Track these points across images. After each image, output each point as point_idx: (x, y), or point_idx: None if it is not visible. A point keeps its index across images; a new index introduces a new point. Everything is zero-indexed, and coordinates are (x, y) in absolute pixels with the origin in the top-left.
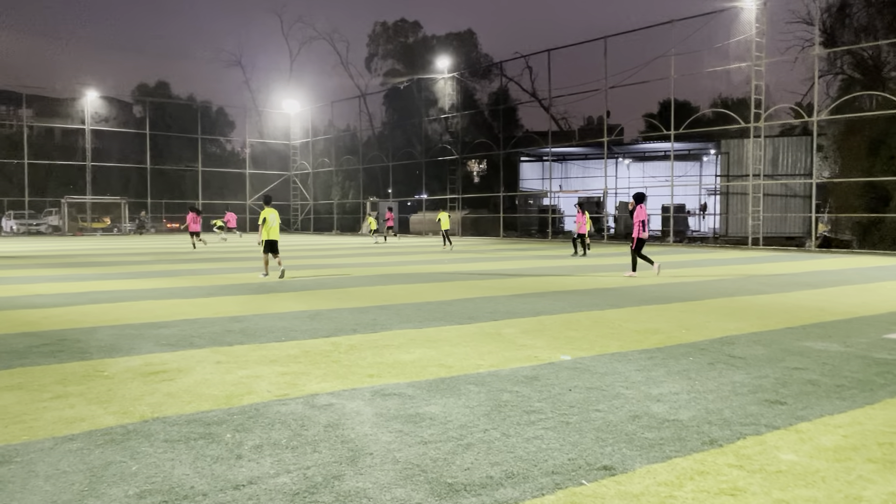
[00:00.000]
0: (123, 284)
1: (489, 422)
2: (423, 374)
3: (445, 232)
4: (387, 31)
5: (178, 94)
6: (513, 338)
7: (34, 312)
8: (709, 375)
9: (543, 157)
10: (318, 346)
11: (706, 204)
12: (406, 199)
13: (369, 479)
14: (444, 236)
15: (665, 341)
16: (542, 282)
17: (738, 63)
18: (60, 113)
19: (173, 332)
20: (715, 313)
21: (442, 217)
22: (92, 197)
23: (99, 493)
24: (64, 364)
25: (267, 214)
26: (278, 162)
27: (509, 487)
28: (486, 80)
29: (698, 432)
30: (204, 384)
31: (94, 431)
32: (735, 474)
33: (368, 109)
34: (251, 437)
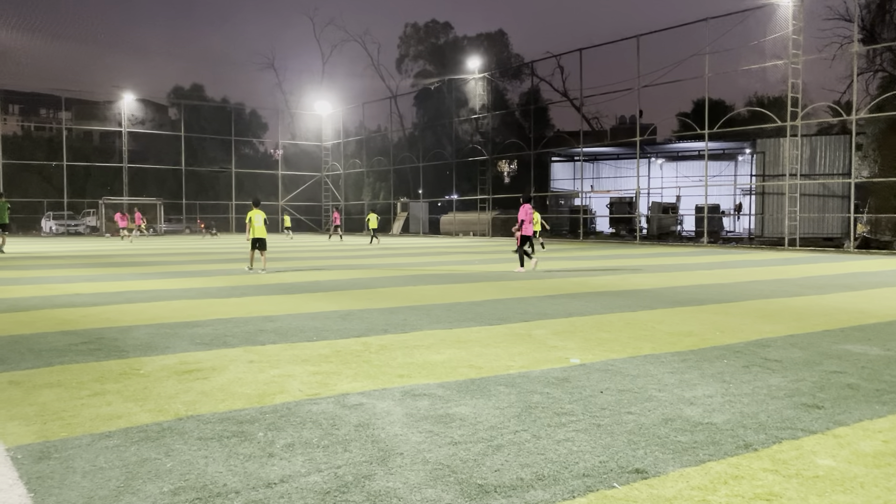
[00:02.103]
0: (159, 284)
1: (519, 423)
2: (454, 374)
3: (374, 231)
4: (418, 33)
5: (212, 97)
6: (543, 339)
7: (73, 311)
8: (744, 378)
9: (575, 157)
10: (349, 346)
11: (741, 204)
12: (436, 200)
13: (399, 479)
14: (373, 234)
15: (699, 343)
16: (574, 283)
17: (775, 61)
18: (98, 116)
19: (207, 332)
20: (750, 315)
21: (371, 217)
22: (129, 198)
23: (134, 489)
24: (101, 362)
25: (253, 215)
26: (310, 163)
27: (539, 489)
28: (517, 80)
29: (733, 436)
30: (237, 383)
31: (131, 429)
32: (771, 479)
33: (399, 110)
34: (283, 436)
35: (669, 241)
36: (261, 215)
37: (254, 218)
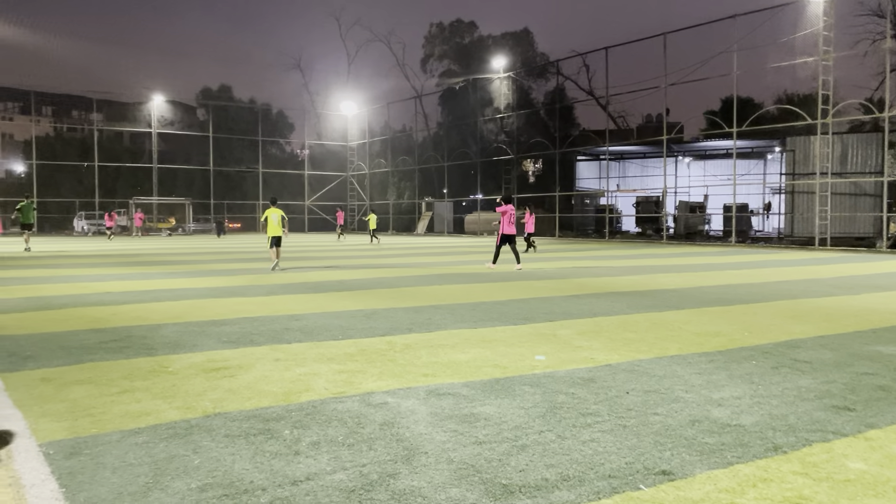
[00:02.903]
0: (186, 283)
1: (544, 423)
2: (478, 374)
3: (373, 231)
4: (443, 32)
5: (239, 98)
6: (569, 339)
7: (103, 309)
8: (773, 380)
9: (600, 156)
10: (374, 345)
11: (770, 203)
12: (461, 200)
13: (424, 478)
14: (372, 234)
15: (726, 344)
16: (599, 282)
17: (805, 58)
18: (128, 117)
19: (234, 330)
20: (779, 316)
21: (370, 217)
22: (158, 198)
23: (163, 485)
24: (131, 360)
25: (269, 214)
26: (336, 163)
27: (565, 490)
28: (543, 79)
29: (761, 438)
30: (263, 381)
31: (159, 425)
32: (800, 482)
33: (424, 110)
34: (309, 434)
35: (697, 241)
36: (276, 214)
37: (270, 217)
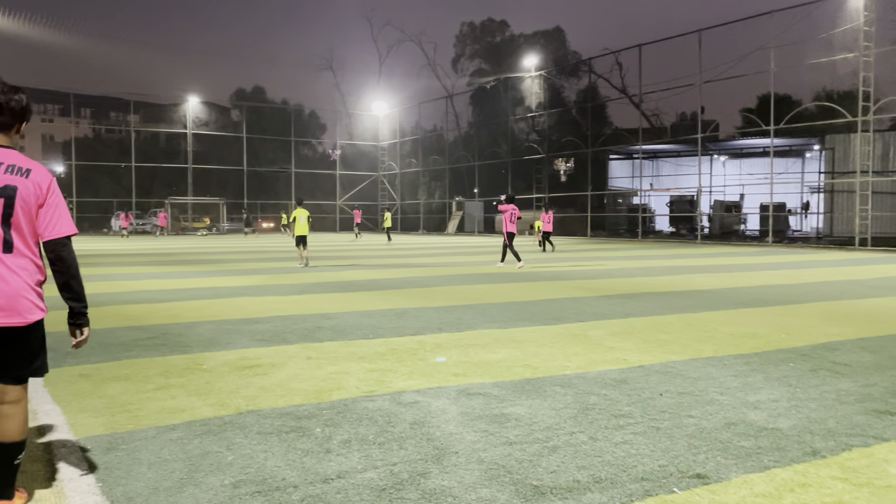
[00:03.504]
0: (221, 281)
1: (576, 424)
2: (509, 374)
3: (387, 229)
4: (474, 32)
5: (272, 99)
6: (600, 340)
7: (140, 307)
8: (811, 383)
9: (633, 155)
10: (405, 344)
11: (808, 202)
12: (492, 199)
13: (454, 478)
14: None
15: (763, 346)
16: (632, 283)
17: (845, 54)
18: (165, 118)
19: (267, 328)
20: (817, 317)
21: (386, 216)
22: (193, 198)
23: (197, 481)
24: (166, 357)
25: (297, 214)
26: (367, 163)
27: (597, 492)
28: (575, 77)
29: (799, 442)
30: (295, 379)
31: (194, 422)
32: (840, 487)
33: (455, 110)
34: (340, 432)
35: (732, 241)
36: (304, 214)
37: (298, 217)
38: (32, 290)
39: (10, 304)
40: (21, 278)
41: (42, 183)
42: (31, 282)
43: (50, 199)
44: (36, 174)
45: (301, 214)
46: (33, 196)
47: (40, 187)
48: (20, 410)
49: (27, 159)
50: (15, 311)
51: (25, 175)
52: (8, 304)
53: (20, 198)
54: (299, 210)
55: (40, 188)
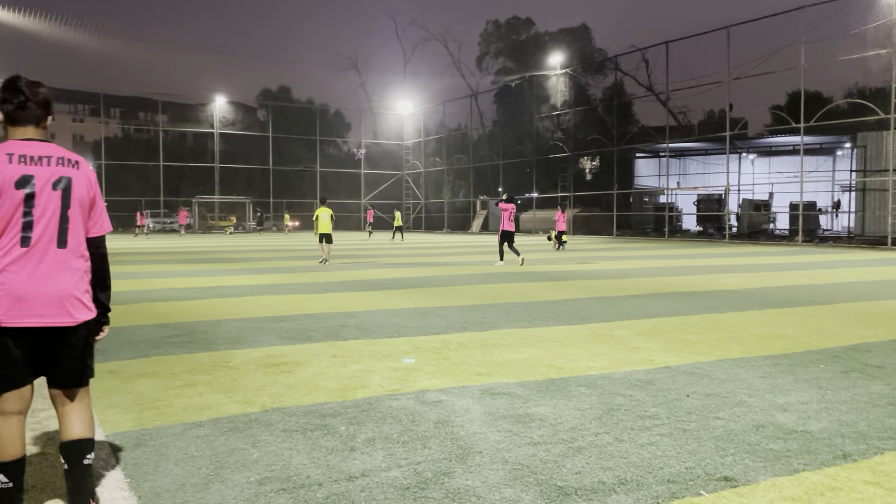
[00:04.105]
0: (247, 280)
1: (601, 425)
2: (533, 374)
3: (398, 228)
4: (499, 30)
5: (298, 98)
6: (626, 340)
7: (167, 305)
8: (842, 385)
9: (660, 153)
10: (429, 343)
11: (839, 201)
12: (516, 198)
13: (478, 478)
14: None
15: (792, 347)
16: (658, 282)
17: (878, 50)
18: (192, 118)
19: (292, 326)
20: (848, 318)
21: (396, 215)
22: (220, 197)
23: (223, 477)
24: (193, 354)
25: (320, 213)
26: (391, 162)
27: (622, 494)
28: (600, 75)
29: (830, 445)
30: (320, 377)
31: (220, 419)
32: (871, 492)
33: (479, 108)
34: (364, 430)
35: (761, 240)
36: (327, 212)
37: (321, 216)
38: (83, 288)
39: (60, 302)
40: (74, 274)
41: (91, 176)
42: (83, 279)
43: (97, 194)
44: (84, 167)
45: (324, 213)
46: (85, 189)
47: (90, 181)
48: (85, 408)
49: (72, 153)
50: (64, 311)
51: (76, 167)
52: (58, 302)
53: (76, 189)
54: (322, 209)
55: (90, 181)
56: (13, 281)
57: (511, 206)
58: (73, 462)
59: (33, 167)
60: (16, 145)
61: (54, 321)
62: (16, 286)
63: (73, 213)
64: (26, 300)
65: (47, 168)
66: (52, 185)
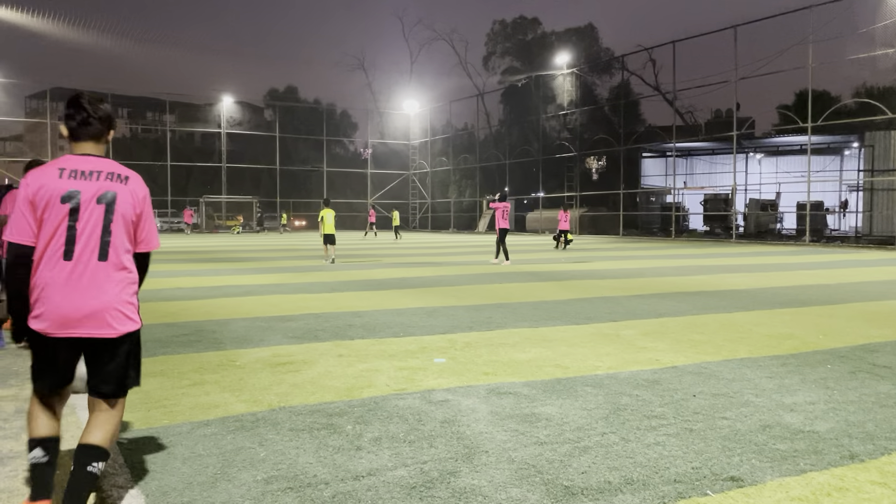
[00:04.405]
0: (254, 279)
1: (607, 425)
2: (539, 373)
3: (396, 227)
4: (505, 30)
5: (305, 98)
6: (632, 340)
7: (175, 304)
8: (849, 385)
9: (667, 153)
10: (435, 343)
11: (847, 201)
12: (522, 198)
13: (485, 477)
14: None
15: (800, 347)
16: (665, 282)
17: (886, 49)
18: (199, 118)
19: (299, 326)
20: (856, 318)
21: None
22: (227, 196)
23: (230, 476)
24: (201, 353)
25: (324, 214)
26: (398, 161)
27: (628, 494)
28: (607, 74)
29: (837, 445)
30: (327, 376)
31: (227, 418)
32: (879, 492)
33: (486, 108)
34: (370, 430)
35: (768, 240)
36: (331, 213)
37: (325, 217)
38: (126, 300)
39: (100, 315)
40: (115, 287)
41: (139, 192)
42: (126, 291)
43: (146, 209)
44: (133, 183)
45: (328, 214)
46: (130, 205)
47: (137, 196)
48: (112, 417)
49: (125, 168)
50: (105, 323)
51: (124, 182)
52: (100, 314)
53: (120, 203)
54: (326, 210)
55: (137, 197)
56: (56, 294)
57: (504, 204)
58: (78, 465)
59: (81, 182)
60: (70, 160)
61: (95, 332)
62: (59, 299)
63: (115, 227)
64: (67, 313)
65: (94, 183)
66: (96, 200)
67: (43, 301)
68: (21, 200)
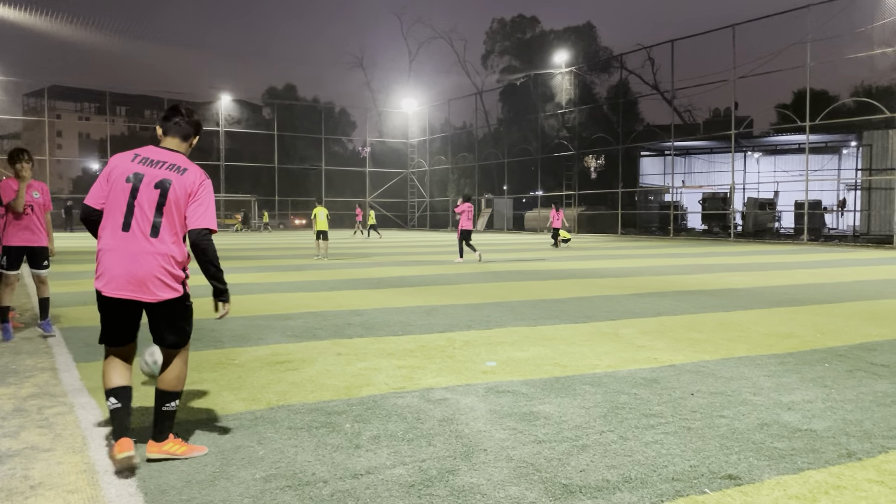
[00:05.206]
0: (253, 277)
1: (606, 424)
2: (538, 372)
3: (372, 226)
4: (504, 28)
5: (303, 97)
6: (631, 338)
7: None
8: (847, 384)
9: (665, 152)
10: (434, 341)
11: (845, 200)
12: (521, 196)
13: (483, 476)
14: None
15: (798, 346)
16: (663, 281)
17: (884, 48)
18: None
19: (298, 324)
20: (854, 317)
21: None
22: (225, 195)
23: (229, 475)
24: (200, 352)
25: (317, 212)
26: (396, 160)
27: (626, 492)
28: (606, 73)
29: (834, 444)
30: (326, 374)
31: (226, 416)
32: (876, 490)
33: (484, 107)
34: (369, 428)
35: (766, 239)
36: (323, 211)
37: (318, 215)
38: (168, 272)
39: (143, 282)
40: (158, 260)
41: (195, 181)
42: (169, 264)
43: (200, 195)
44: (191, 174)
45: (320, 212)
46: (184, 191)
47: (194, 184)
48: (175, 366)
49: (189, 162)
50: (146, 289)
51: (181, 173)
52: (142, 281)
53: (173, 191)
54: (318, 208)
55: (194, 184)
56: (110, 258)
57: (468, 205)
58: (156, 404)
59: (147, 168)
60: (148, 150)
61: (137, 296)
62: (112, 263)
63: (167, 210)
64: (118, 275)
65: (157, 170)
66: (154, 185)
67: (102, 263)
68: (101, 174)
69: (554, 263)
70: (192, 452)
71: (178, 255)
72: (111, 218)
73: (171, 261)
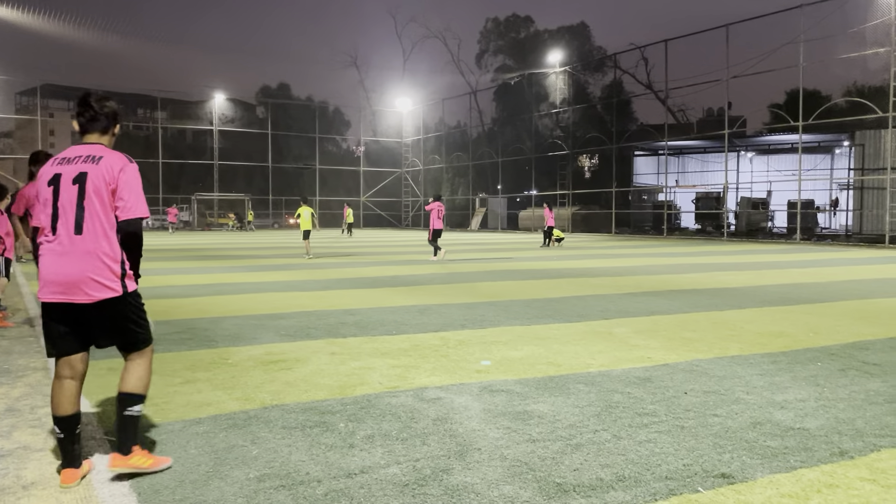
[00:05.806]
0: (246, 277)
1: (599, 423)
2: (532, 371)
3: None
4: (498, 27)
5: (297, 95)
6: (625, 337)
7: (167, 302)
8: (839, 382)
9: (659, 151)
10: (428, 341)
11: (837, 199)
12: (515, 196)
13: (477, 475)
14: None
15: (790, 345)
16: (657, 280)
17: (876, 48)
18: (191, 115)
19: (292, 323)
20: (847, 316)
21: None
22: (219, 194)
23: (222, 474)
24: (193, 351)
25: (301, 211)
26: (391, 159)
27: (620, 491)
28: (599, 73)
29: (827, 442)
30: (319, 374)
31: (219, 416)
32: (868, 489)
33: (479, 106)
34: (363, 427)
35: (759, 238)
36: (308, 211)
37: (303, 214)
38: (100, 270)
39: (74, 283)
40: (87, 259)
41: (113, 166)
42: (99, 261)
43: (121, 183)
44: (107, 160)
45: (305, 211)
46: (102, 180)
47: (112, 169)
48: (134, 368)
49: (106, 150)
50: (79, 290)
51: (96, 162)
52: (73, 283)
53: (90, 182)
54: (303, 207)
55: (111, 170)
56: (43, 263)
57: (438, 204)
58: (118, 408)
59: (63, 166)
60: (68, 150)
61: (72, 298)
62: (45, 269)
63: (88, 204)
64: (50, 281)
65: (72, 166)
66: (72, 181)
67: (40, 270)
68: None
69: (547, 263)
70: (158, 465)
71: (109, 249)
72: (42, 225)
73: (101, 258)
